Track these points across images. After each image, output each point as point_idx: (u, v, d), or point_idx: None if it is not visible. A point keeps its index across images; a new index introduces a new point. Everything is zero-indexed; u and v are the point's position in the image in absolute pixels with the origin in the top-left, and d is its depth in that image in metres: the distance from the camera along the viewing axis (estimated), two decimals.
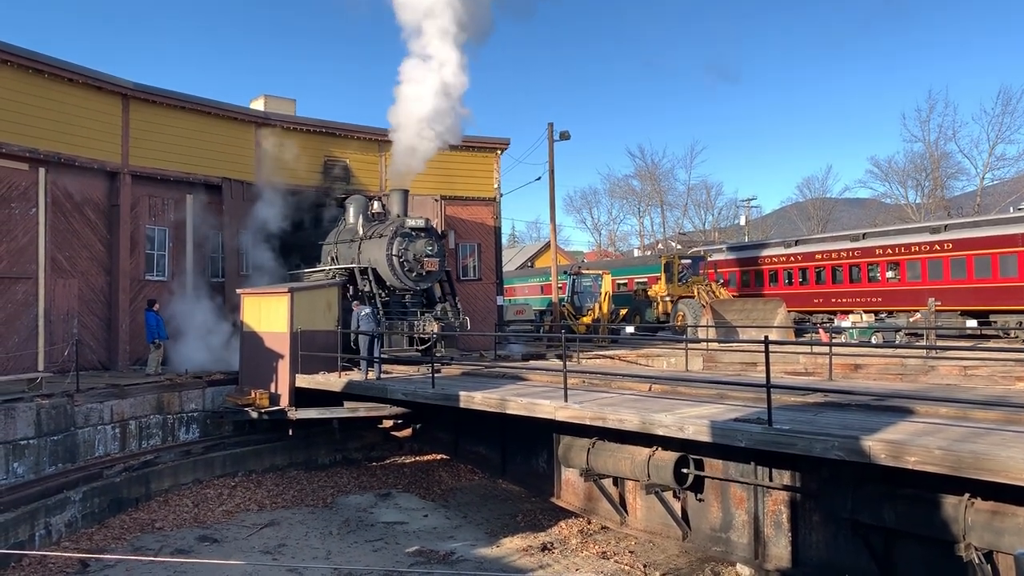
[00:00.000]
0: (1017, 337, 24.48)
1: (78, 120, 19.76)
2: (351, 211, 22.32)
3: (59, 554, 11.39)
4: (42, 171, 19.17)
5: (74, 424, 14.84)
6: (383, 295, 20.27)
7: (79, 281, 20.09)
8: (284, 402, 17.41)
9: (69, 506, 13.29)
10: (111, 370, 20.10)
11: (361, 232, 21.37)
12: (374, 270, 20.36)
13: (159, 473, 15.68)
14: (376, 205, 22.36)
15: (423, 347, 19.80)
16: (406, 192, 21.78)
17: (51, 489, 13.17)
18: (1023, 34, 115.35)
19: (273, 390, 17.60)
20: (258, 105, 26.03)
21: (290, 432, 17.91)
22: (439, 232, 21.61)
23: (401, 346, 20.03)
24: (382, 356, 17.52)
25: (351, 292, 20.06)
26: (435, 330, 19.69)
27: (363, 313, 17.12)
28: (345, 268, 20.85)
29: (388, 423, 19.31)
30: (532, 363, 20.10)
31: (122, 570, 11.61)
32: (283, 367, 17.50)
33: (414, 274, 20.45)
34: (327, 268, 21.55)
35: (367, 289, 19.94)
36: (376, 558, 12.59)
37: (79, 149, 19.80)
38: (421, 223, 20.69)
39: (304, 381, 17.36)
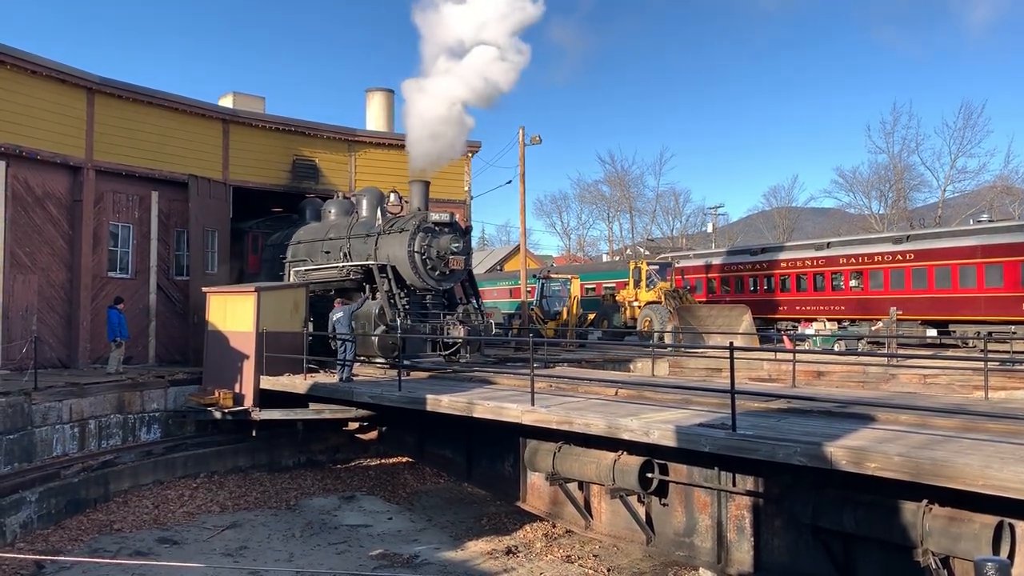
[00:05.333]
0: (975, 347, 24.97)
1: (41, 113, 19.35)
2: (364, 203, 21.19)
3: (13, 555, 11.14)
4: (2, 164, 18.74)
5: (31, 423, 14.52)
6: (402, 295, 18.60)
7: (39, 277, 19.67)
8: (248, 403, 17.21)
9: (24, 506, 13.01)
10: (71, 368, 19.70)
11: (378, 226, 19.81)
12: (394, 267, 18.77)
13: (118, 474, 15.41)
14: (393, 198, 20.94)
15: (447, 352, 18.74)
16: (427, 184, 19.99)
17: (6, 489, 12.87)
18: (984, 50, 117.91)
19: (237, 390, 17.39)
20: (227, 102, 25.77)
21: (253, 433, 17.70)
22: (463, 227, 20.26)
23: (425, 351, 18.66)
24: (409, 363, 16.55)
25: (366, 291, 19.12)
26: (461, 334, 18.48)
27: (336, 317, 16.80)
28: (360, 265, 19.49)
29: (353, 425, 19.11)
30: (500, 367, 20.00)
31: (78, 572, 11.41)
32: (248, 367, 17.30)
33: (437, 273, 18.93)
34: (339, 265, 20.06)
35: (386, 288, 18.38)
36: (339, 561, 12.50)
37: (41, 143, 19.41)
38: (446, 217, 19.26)
39: (269, 382, 17.16)
